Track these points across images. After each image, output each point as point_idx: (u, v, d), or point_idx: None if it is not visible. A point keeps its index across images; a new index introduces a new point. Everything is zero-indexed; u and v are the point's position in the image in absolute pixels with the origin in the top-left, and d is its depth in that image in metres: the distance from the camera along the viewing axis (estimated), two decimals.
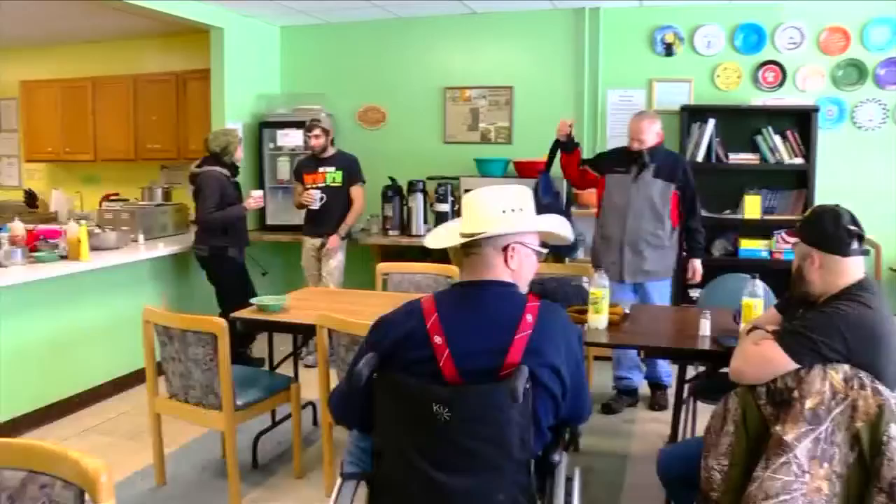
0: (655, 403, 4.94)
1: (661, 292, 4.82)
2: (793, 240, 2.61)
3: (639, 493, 3.76)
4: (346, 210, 5.86)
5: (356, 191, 5.87)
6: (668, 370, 4.88)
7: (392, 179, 6.33)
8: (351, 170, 5.85)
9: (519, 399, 1.97)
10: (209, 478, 4.02)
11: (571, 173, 5.10)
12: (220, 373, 3.47)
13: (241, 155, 5.65)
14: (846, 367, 2.37)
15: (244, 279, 5.65)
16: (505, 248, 2.17)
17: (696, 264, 4.89)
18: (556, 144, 5.03)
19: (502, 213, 2.18)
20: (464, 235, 2.18)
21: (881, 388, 2.33)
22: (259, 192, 5.56)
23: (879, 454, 2.25)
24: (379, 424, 2.18)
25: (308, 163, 5.88)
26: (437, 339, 2.05)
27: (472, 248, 2.16)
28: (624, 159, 4.80)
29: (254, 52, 6.87)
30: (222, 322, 3.45)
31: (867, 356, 2.40)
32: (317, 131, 5.69)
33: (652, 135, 4.67)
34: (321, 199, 5.75)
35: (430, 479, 2.05)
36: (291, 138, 6.61)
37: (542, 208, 2.69)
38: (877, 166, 5.94)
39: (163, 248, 5.63)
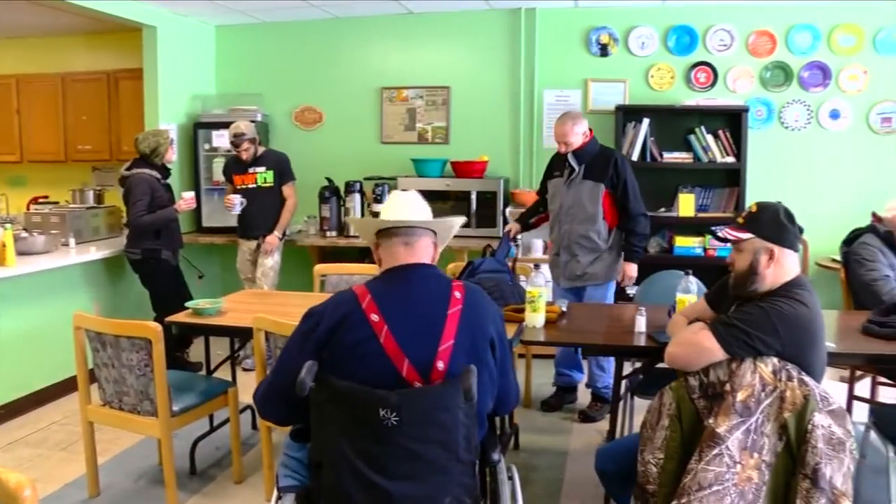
0: (589, 416, 4.76)
1: (601, 297, 4.74)
2: (746, 236, 2.63)
3: (578, 489, 3.79)
4: (280, 210, 5.76)
5: (288, 189, 5.77)
6: (607, 383, 4.71)
7: (329, 180, 6.28)
8: (281, 169, 5.74)
9: (473, 398, 2.06)
10: (145, 486, 3.92)
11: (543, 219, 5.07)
12: (156, 378, 3.40)
13: (172, 156, 5.51)
14: (775, 359, 2.46)
15: (178, 282, 5.53)
16: (434, 244, 2.35)
17: (628, 268, 4.70)
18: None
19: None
20: (404, 222, 2.31)
21: (807, 378, 2.43)
22: (190, 194, 5.43)
23: (804, 442, 2.34)
24: (318, 433, 2.15)
25: (237, 163, 5.74)
26: (375, 318, 2.11)
27: (411, 236, 2.29)
28: (559, 163, 4.78)
29: (188, 52, 6.75)
30: (157, 327, 3.37)
31: (799, 351, 2.49)
32: (245, 145, 5.56)
33: (578, 136, 4.58)
34: (241, 203, 5.62)
35: (375, 486, 2.05)
36: (227, 139, 6.50)
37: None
38: (803, 165, 6.16)
39: (95, 252, 5.48)
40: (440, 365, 2.11)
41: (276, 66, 6.93)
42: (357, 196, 6.19)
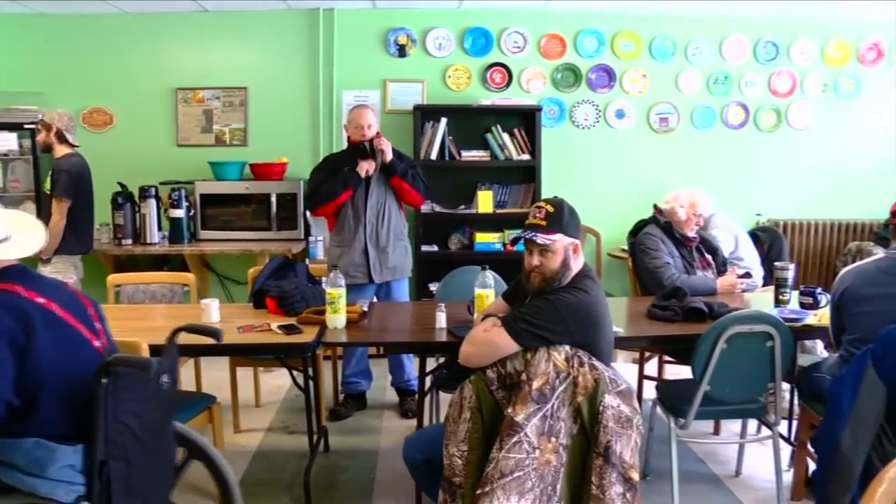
0: (408, 410, 4.81)
1: (403, 290, 4.82)
2: (557, 237, 2.71)
3: (390, 486, 3.79)
4: None
5: (54, 204, 5.05)
6: (414, 375, 4.82)
7: (122, 185, 5.94)
8: (54, 178, 5.06)
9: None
10: None
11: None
12: None
13: None
14: (567, 347, 2.58)
15: None
16: None
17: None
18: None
19: None
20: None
21: (597, 363, 2.57)
22: None
23: (597, 422, 2.49)
24: (110, 425, 2.20)
25: None
26: (41, 300, 2.28)
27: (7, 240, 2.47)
28: (347, 159, 4.63)
29: None
30: None
31: (587, 338, 2.65)
32: (38, 136, 5.11)
33: (375, 124, 4.61)
34: None
35: (156, 452, 2.37)
36: (3, 141, 5.99)
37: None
38: (593, 161, 6.53)
39: None
40: (98, 325, 2.44)
41: (60, 63, 6.43)
42: (152, 201, 5.88)
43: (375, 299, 4.68)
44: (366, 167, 4.53)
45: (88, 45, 6.42)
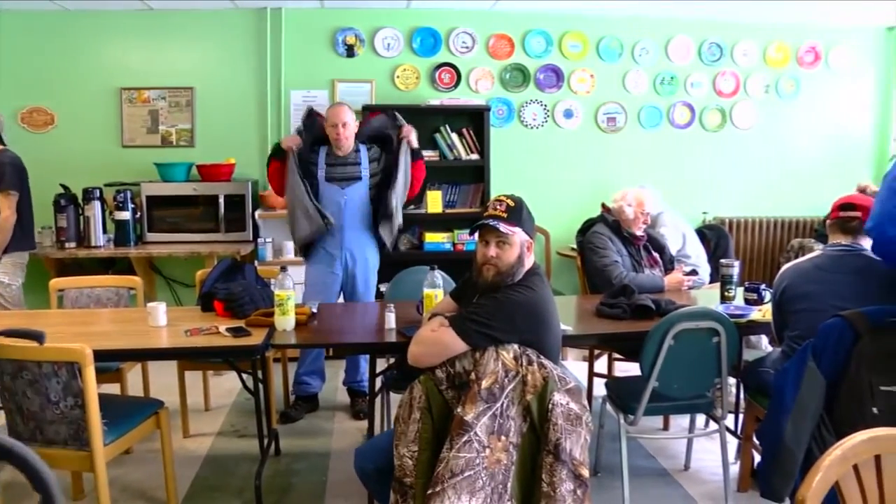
0: (360, 411, 4.79)
1: (370, 287, 4.79)
2: (517, 229, 2.73)
3: (343, 488, 3.77)
4: None
5: (2, 200, 4.86)
6: (367, 376, 4.68)
7: (65, 187, 5.81)
8: None
9: None
10: None
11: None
12: None
13: None
14: (515, 346, 2.60)
15: None
16: None
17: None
18: None
19: None
20: None
21: (546, 362, 2.59)
22: None
23: (546, 420, 2.50)
24: None
25: None
26: None
27: None
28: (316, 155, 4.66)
29: None
30: None
31: (535, 336, 2.66)
32: None
33: (352, 122, 4.58)
34: None
35: None
36: None
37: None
38: (542, 160, 6.58)
39: None
40: None
41: None
42: (97, 203, 5.77)
43: (342, 296, 4.72)
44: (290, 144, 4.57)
45: (27, 42, 6.25)
